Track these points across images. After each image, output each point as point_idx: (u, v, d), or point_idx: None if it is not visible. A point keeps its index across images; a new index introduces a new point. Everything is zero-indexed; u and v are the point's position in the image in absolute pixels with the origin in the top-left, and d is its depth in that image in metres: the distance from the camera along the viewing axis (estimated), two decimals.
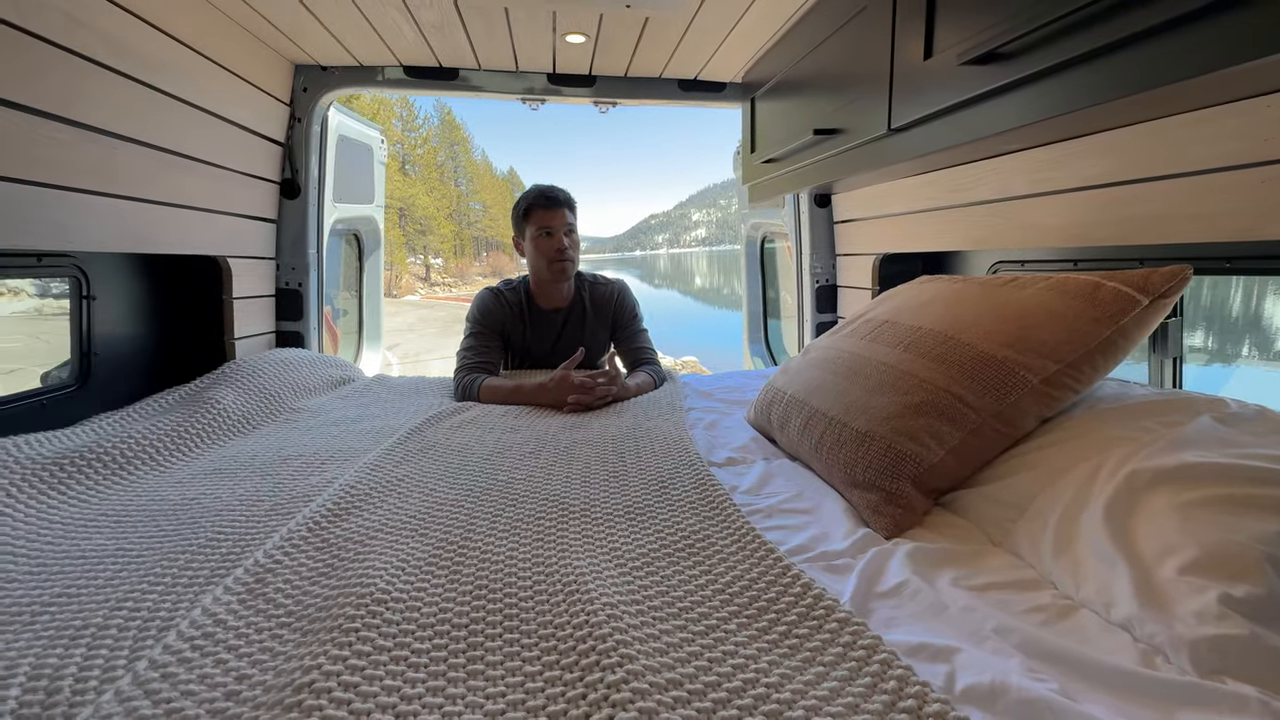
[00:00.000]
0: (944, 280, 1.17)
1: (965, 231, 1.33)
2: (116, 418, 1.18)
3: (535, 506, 0.86)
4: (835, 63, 1.18)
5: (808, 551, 0.77)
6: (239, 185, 1.56)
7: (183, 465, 1.06)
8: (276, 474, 1.02)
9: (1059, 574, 0.68)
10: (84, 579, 0.68)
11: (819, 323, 2.00)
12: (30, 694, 0.49)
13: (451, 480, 0.96)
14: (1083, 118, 0.79)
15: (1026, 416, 0.85)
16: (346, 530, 0.78)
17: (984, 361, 0.87)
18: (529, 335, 1.67)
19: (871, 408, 0.92)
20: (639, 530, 0.79)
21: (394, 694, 0.47)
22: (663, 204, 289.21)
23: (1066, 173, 1.04)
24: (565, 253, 1.58)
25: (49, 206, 1.02)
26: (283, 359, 1.55)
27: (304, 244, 1.80)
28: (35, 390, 1.17)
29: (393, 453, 1.07)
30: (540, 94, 1.81)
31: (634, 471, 1.00)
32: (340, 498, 0.87)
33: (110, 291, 1.30)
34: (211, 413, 1.23)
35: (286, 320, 1.80)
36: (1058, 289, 0.91)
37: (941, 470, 0.85)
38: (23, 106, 0.95)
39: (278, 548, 0.72)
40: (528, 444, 1.14)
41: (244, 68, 1.49)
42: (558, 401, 1.38)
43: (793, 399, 1.11)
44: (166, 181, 1.29)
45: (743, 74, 1.77)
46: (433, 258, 44.49)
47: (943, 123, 0.89)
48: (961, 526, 0.83)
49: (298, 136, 1.74)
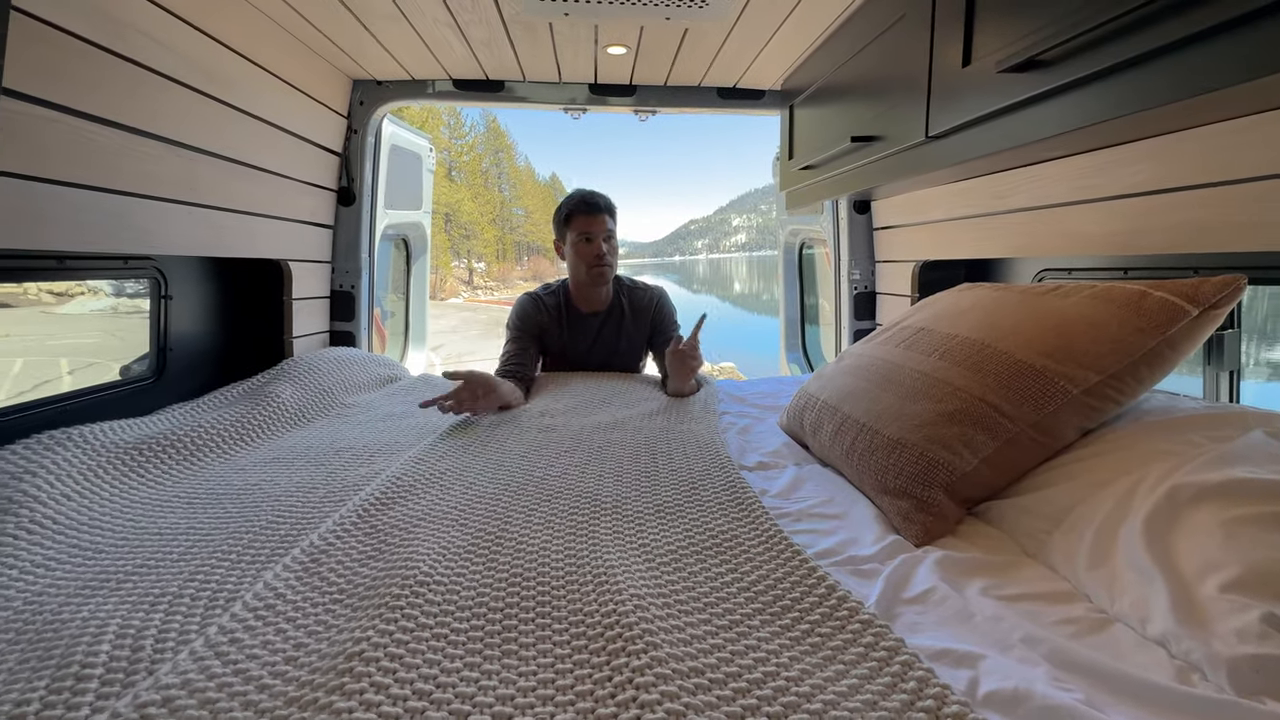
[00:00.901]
0: (984, 288, 1.15)
1: (1005, 239, 1.30)
2: (188, 408, 1.28)
3: (569, 502, 0.90)
4: (873, 70, 1.18)
5: (835, 555, 0.78)
6: (300, 193, 1.66)
7: (245, 453, 1.14)
8: (329, 464, 1.08)
9: (1093, 587, 0.66)
10: (160, 553, 0.74)
11: (856, 330, 1.98)
12: (118, 650, 0.54)
13: (490, 475, 1.00)
14: (1127, 124, 0.77)
15: (1066, 427, 0.84)
16: (392, 518, 0.83)
17: (1021, 371, 0.86)
18: (566, 337, 1.71)
19: (904, 415, 0.92)
20: (668, 528, 0.82)
21: (434, 667, 0.51)
22: (702, 209, 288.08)
23: (1110, 179, 1.01)
24: (604, 258, 1.62)
25: (137, 214, 1.12)
26: (335, 357, 1.64)
27: (357, 248, 1.90)
28: (118, 382, 1.28)
29: (435, 448, 1.12)
30: (582, 104, 1.86)
31: (665, 472, 1.02)
32: (387, 488, 0.92)
33: (184, 292, 1.41)
34: (271, 406, 1.31)
35: (340, 320, 1.90)
36: (1102, 298, 0.89)
37: (975, 479, 0.84)
38: (119, 124, 1.05)
39: (330, 531, 0.77)
40: (563, 443, 1.18)
41: (307, 83, 1.59)
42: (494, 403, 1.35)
43: (825, 405, 1.11)
44: (237, 190, 1.40)
45: (781, 81, 1.78)
46: (476, 261, 45.59)
47: (981, 130, 0.89)
48: (994, 536, 0.82)
49: (354, 147, 1.84)
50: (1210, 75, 0.59)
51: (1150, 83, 0.65)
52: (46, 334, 2.45)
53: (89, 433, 1.03)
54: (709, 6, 1.32)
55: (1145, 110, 0.66)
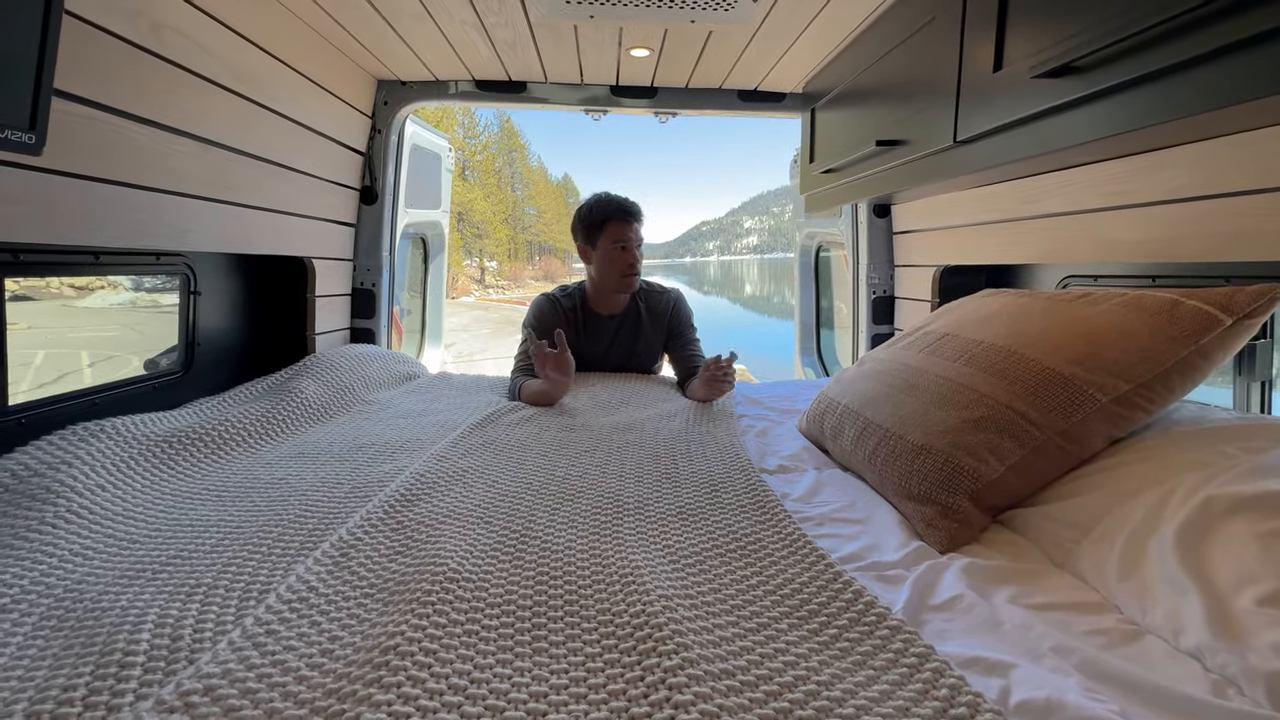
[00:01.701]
0: (1009, 294, 1.14)
1: (1032, 244, 1.29)
2: (214, 402, 1.30)
3: (591, 502, 0.90)
4: (899, 74, 1.18)
5: (859, 560, 0.78)
6: (325, 192, 1.68)
7: (271, 448, 1.16)
8: (353, 460, 1.10)
9: (1124, 598, 0.66)
10: (193, 544, 0.76)
11: (874, 334, 1.97)
12: (158, 639, 0.56)
13: (512, 474, 1.01)
14: (1164, 130, 0.77)
15: (1095, 436, 0.83)
16: (418, 515, 0.84)
17: (1049, 378, 0.85)
18: (582, 340, 1.72)
19: (928, 421, 0.91)
20: (691, 530, 0.82)
21: (468, 663, 0.51)
22: (714, 211, 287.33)
23: (1144, 185, 1.00)
24: (636, 266, 1.63)
25: (171, 211, 1.14)
26: (356, 354, 1.66)
27: (378, 247, 1.92)
28: (147, 375, 1.30)
29: (457, 445, 1.13)
30: (603, 105, 1.87)
31: (686, 474, 1.03)
32: (411, 485, 0.93)
33: (211, 288, 1.44)
34: (295, 401, 1.33)
35: (360, 318, 1.93)
36: (1132, 306, 0.88)
37: (1001, 487, 0.84)
38: (158, 123, 1.07)
39: (358, 526, 0.78)
40: (583, 442, 1.19)
41: (333, 83, 1.61)
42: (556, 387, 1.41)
43: (846, 409, 1.11)
44: (265, 188, 1.42)
45: (803, 84, 1.77)
46: (488, 261, 45.85)
47: (1012, 135, 0.88)
48: (1020, 545, 0.81)
49: (377, 146, 1.86)
50: (1251, 83, 0.59)
51: (1188, 90, 0.64)
52: (67, 327, 2.50)
53: (121, 425, 1.06)
54: (734, 9, 1.32)
55: (1183, 118, 0.66)
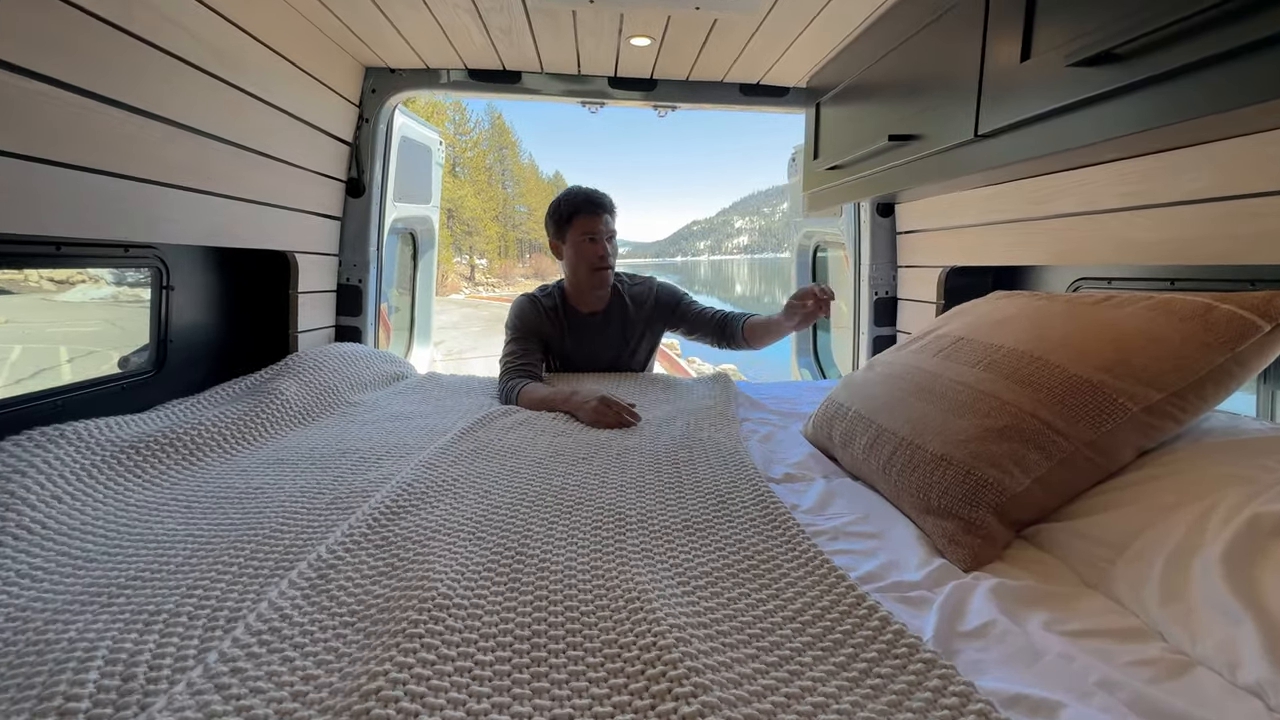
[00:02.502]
0: (1023, 297, 1.10)
1: (1044, 245, 1.25)
2: (188, 404, 1.23)
3: (591, 515, 0.84)
4: (914, 66, 1.13)
5: (879, 580, 0.73)
6: (309, 183, 1.61)
7: (248, 454, 1.09)
8: (336, 467, 1.03)
9: (1168, 625, 0.61)
10: (157, 563, 0.69)
11: (876, 336, 1.92)
12: (107, 678, 0.49)
13: (505, 483, 0.95)
14: (1199, 126, 0.72)
15: (1124, 447, 0.79)
16: (405, 529, 0.78)
17: (1076, 386, 0.81)
18: (568, 340, 1.66)
19: (947, 430, 0.86)
20: (699, 546, 0.76)
21: (460, 708, 0.46)
22: (705, 210, 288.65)
23: (1165, 185, 0.96)
24: (607, 259, 1.56)
25: (140, 200, 1.07)
26: (341, 353, 1.59)
27: (365, 241, 1.84)
28: (116, 375, 1.22)
29: (447, 452, 1.07)
30: (600, 97, 1.81)
31: (689, 484, 0.97)
32: (398, 495, 0.87)
33: (186, 282, 1.36)
34: (275, 403, 1.26)
35: (346, 315, 1.85)
36: (1161, 310, 0.84)
37: (1027, 500, 0.79)
38: (123, 104, 0.99)
39: (339, 544, 0.72)
40: (579, 449, 1.13)
41: (319, 69, 1.54)
42: (588, 419, 1.30)
43: (858, 415, 1.06)
44: (246, 178, 1.34)
45: (807, 79, 1.73)
46: (478, 258, 45.57)
47: (1038, 129, 0.84)
48: (1048, 563, 0.77)
49: (365, 137, 1.78)
50: None
51: (1239, 81, 0.60)
52: (46, 321, 2.40)
53: (84, 429, 0.98)
54: None
55: (1234, 110, 0.61)
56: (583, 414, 1.32)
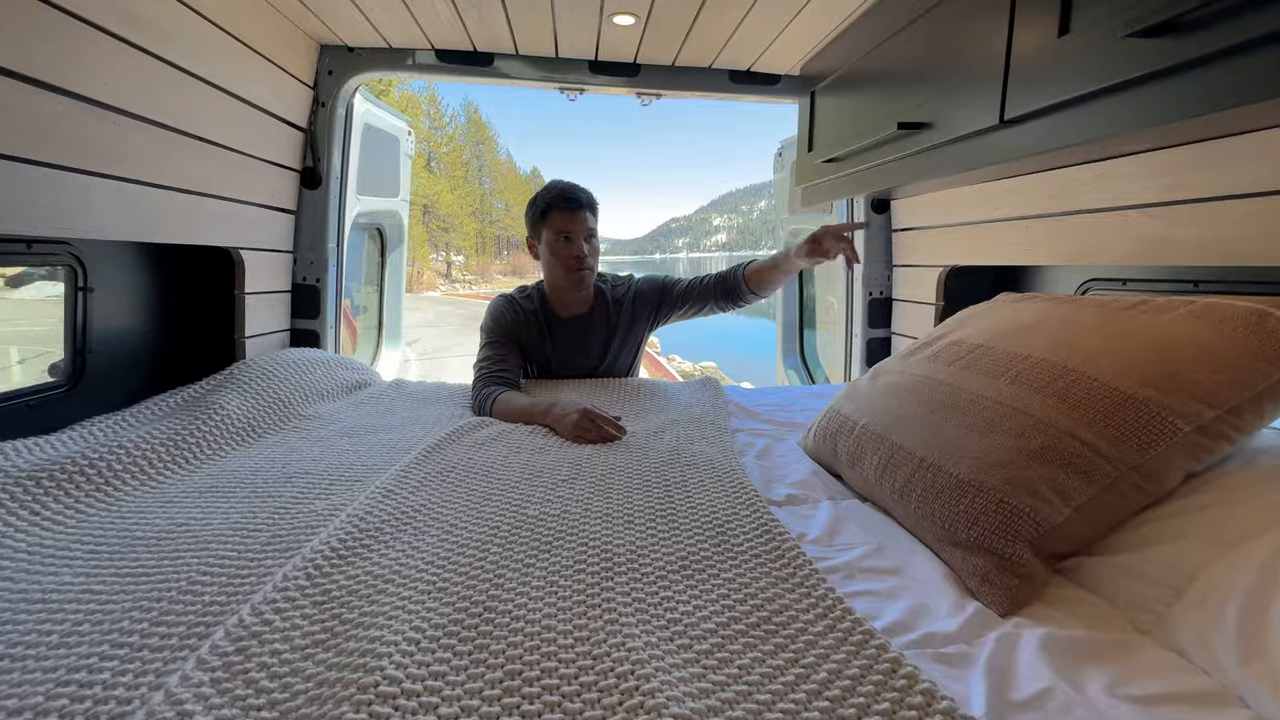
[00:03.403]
0: (1043, 300, 1.02)
1: (1060, 243, 1.17)
2: (110, 422, 1.08)
3: (573, 553, 0.73)
4: (924, 48, 1.04)
5: (909, 632, 0.63)
6: (256, 172, 1.45)
7: (176, 481, 0.95)
8: (278, 495, 0.90)
9: (1252, 690, 0.52)
10: (34, 635, 0.56)
11: (870, 338, 1.84)
12: None
13: (475, 514, 0.83)
14: (1270, 109, 0.63)
15: (1173, 471, 0.70)
16: (352, 577, 0.66)
17: (1120, 402, 0.72)
18: (549, 346, 1.54)
19: (974, 451, 0.77)
20: (700, 593, 0.66)
21: None
22: (684, 208, 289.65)
23: (1207, 178, 0.88)
24: (584, 260, 1.44)
25: (43, 187, 0.92)
26: (295, 360, 1.44)
27: (323, 237, 1.69)
28: (21, 390, 1.06)
29: (408, 475, 0.95)
30: (580, 83, 1.68)
31: (684, 510, 0.87)
32: (348, 533, 0.75)
33: (110, 283, 1.20)
34: (213, 420, 1.12)
35: (302, 318, 1.70)
36: (1208, 317, 0.75)
37: (1067, 532, 0.70)
38: (14, 73, 0.84)
39: (268, 601, 0.60)
40: (559, 469, 1.01)
41: (265, 44, 1.39)
42: (560, 429, 1.19)
43: (866, 431, 0.96)
44: (178, 165, 1.19)
45: (801, 65, 1.63)
46: (454, 255, 44.91)
47: (1076, 113, 0.74)
48: (1092, 604, 0.68)
49: (321, 122, 1.63)
50: None
51: None
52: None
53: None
54: None
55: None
56: (562, 428, 1.20)
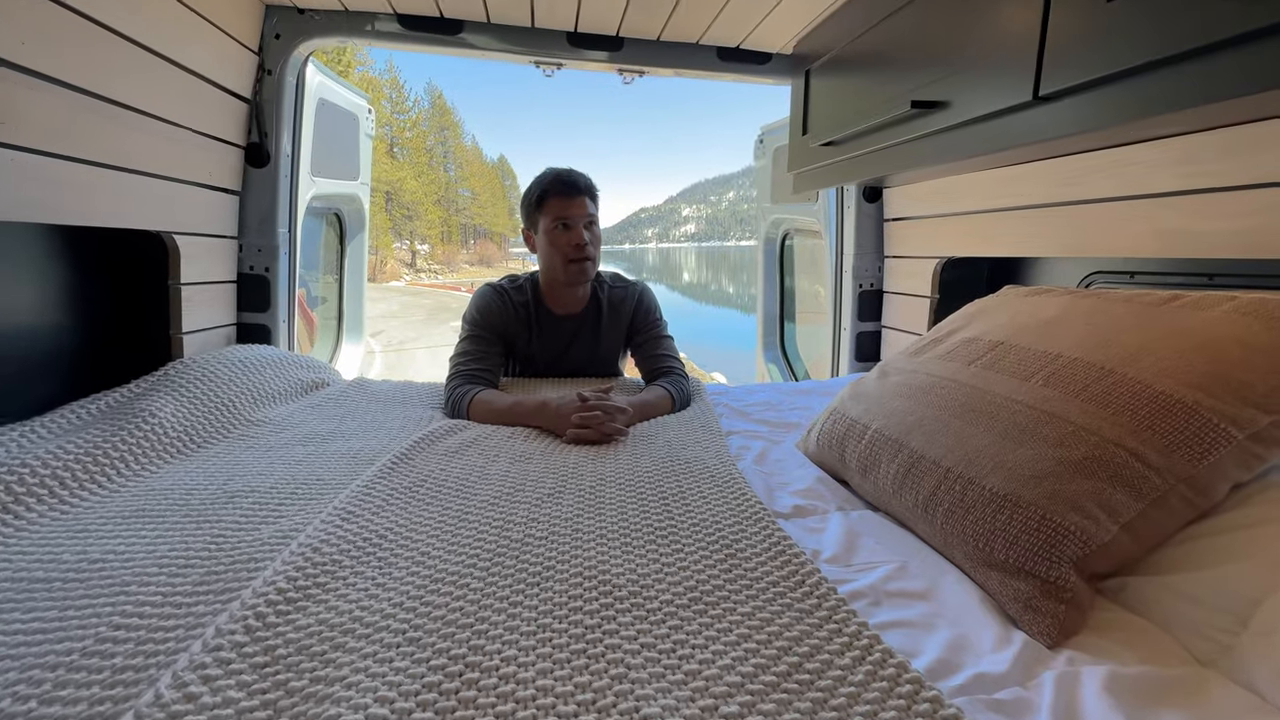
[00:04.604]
0: (1059, 294, 0.96)
1: (1068, 234, 1.12)
2: (14, 435, 0.93)
3: (567, 585, 0.64)
4: (940, 20, 0.96)
5: (954, 673, 0.55)
6: (192, 146, 1.29)
7: (94, 504, 0.81)
8: (218, 520, 0.78)
9: None
10: None
11: (860, 332, 1.78)
12: None
13: (450, 539, 0.72)
14: None
15: (1223, 482, 0.64)
16: (303, 629, 0.55)
17: (1167, 407, 0.66)
18: (535, 343, 1.43)
19: (1010, 462, 0.70)
20: (716, 633, 0.57)
21: None
22: (653, 198, 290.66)
23: (1231, 166, 0.83)
24: (585, 249, 1.32)
25: None
26: (241, 359, 1.30)
27: (273, 222, 1.53)
28: None
29: (372, 492, 0.83)
30: (558, 56, 1.56)
31: (686, 528, 0.78)
32: (298, 569, 0.63)
33: (12, 273, 1.04)
34: (142, 429, 0.98)
35: (251, 311, 1.54)
36: (1257, 314, 0.70)
37: (1113, 552, 0.64)
38: None
39: (195, 667, 0.48)
40: (544, 481, 0.91)
41: (202, 2, 1.22)
42: (558, 428, 1.12)
43: (880, 435, 0.89)
44: (94, 135, 1.03)
45: (793, 44, 1.54)
46: (419, 244, 43.80)
47: (1123, 88, 0.67)
48: (1143, 631, 0.62)
49: (268, 93, 1.47)
50: None
51: None
52: None
53: None
54: None
55: None
56: (559, 426, 1.12)
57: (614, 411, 1.13)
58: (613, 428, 1.10)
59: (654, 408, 1.27)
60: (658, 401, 1.28)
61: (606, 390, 1.18)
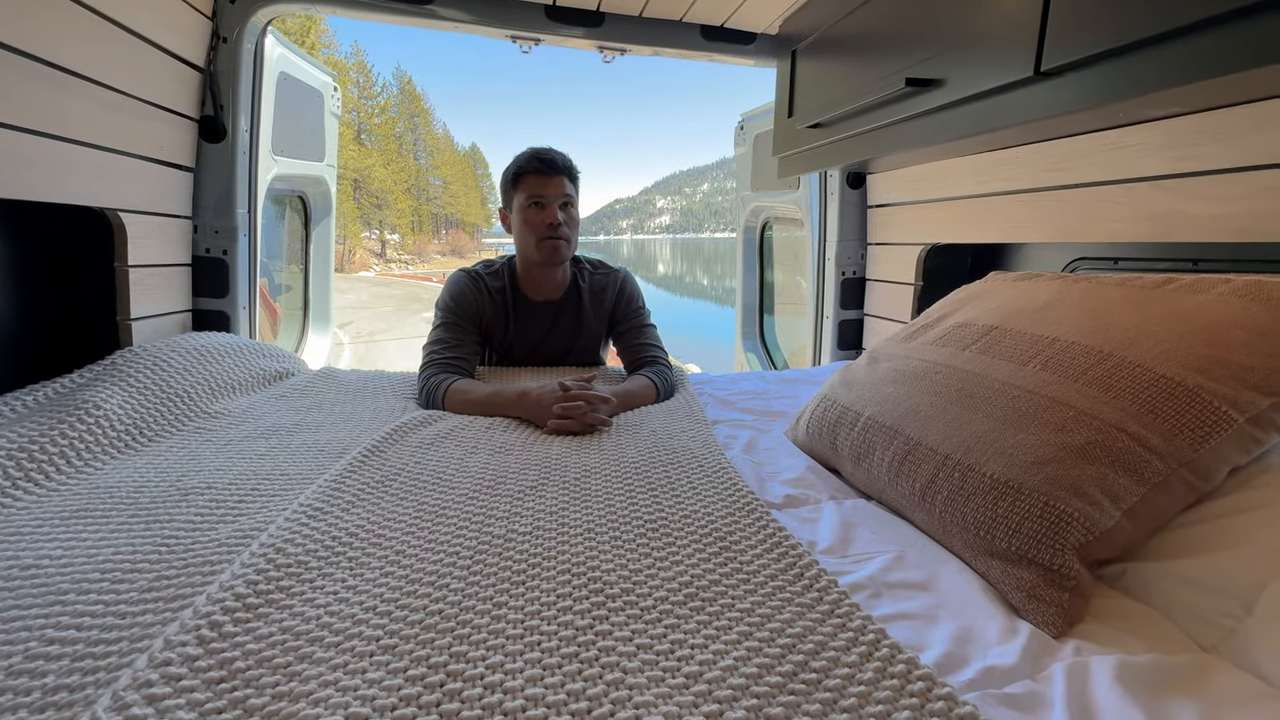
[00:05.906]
0: (1048, 279, 0.95)
1: (1058, 219, 1.11)
2: None
3: (555, 583, 0.60)
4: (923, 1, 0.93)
5: (963, 667, 0.53)
6: (139, 117, 1.19)
7: (29, 505, 0.74)
8: (169, 519, 0.71)
9: None
10: None
11: (842, 320, 1.77)
12: None
13: (426, 536, 0.68)
14: None
15: (1222, 466, 0.64)
16: (264, 638, 0.49)
17: (1168, 390, 0.65)
18: (512, 330, 1.37)
19: (1010, 447, 0.68)
20: (716, 631, 0.54)
21: None
22: (628, 189, 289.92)
23: (1226, 148, 0.83)
24: (559, 228, 1.28)
25: None
26: (197, 346, 1.21)
27: (231, 202, 1.44)
28: None
29: (341, 487, 0.78)
30: (535, 31, 1.49)
31: (677, 519, 0.74)
32: (260, 571, 0.58)
33: None
34: (85, 421, 0.90)
35: (207, 296, 1.45)
36: (1254, 296, 0.69)
37: (1115, 538, 0.62)
38: None
39: (139, 685, 0.43)
40: (526, 473, 0.87)
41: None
42: (539, 418, 1.08)
43: (873, 422, 0.87)
44: (27, 100, 0.94)
45: (779, 23, 1.50)
46: (389, 233, 42.82)
47: (1131, 61, 0.65)
48: (1146, 617, 0.61)
49: (224, 62, 1.37)
50: None
51: None
52: None
53: None
54: None
55: None
56: (540, 417, 1.07)
57: (597, 401, 1.09)
58: (596, 418, 1.06)
59: (638, 397, 1.23)
60: (641, 391, 1.25)
61: (589, 379, 1.14)
